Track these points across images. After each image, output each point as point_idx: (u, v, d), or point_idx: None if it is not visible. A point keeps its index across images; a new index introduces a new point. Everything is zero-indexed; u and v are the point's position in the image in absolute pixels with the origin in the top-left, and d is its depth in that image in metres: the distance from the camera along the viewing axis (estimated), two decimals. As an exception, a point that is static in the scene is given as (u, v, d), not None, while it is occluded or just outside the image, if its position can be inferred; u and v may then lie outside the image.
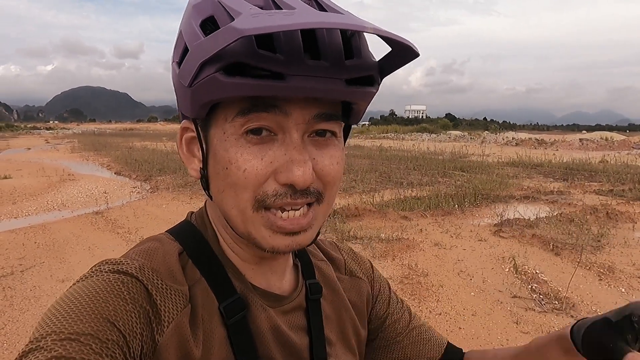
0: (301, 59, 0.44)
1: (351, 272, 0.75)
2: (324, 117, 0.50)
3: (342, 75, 0.46)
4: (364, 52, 0.49)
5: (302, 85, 0.44)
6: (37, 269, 4.94)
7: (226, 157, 0.49)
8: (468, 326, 3.67)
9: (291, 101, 0.47)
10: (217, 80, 0.44)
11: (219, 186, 0.51)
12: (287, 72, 0.44)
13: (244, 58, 0.43)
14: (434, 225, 6.92)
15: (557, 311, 3.95)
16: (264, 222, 0.50)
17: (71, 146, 26.51)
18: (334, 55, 0.46)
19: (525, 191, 10.07)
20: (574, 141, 29.32)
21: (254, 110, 0.47)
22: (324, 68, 0.45)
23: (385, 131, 53.42)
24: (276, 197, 0.48)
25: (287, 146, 0.48)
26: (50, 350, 0.40)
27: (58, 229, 6.59)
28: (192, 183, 10.57)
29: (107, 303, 0.45)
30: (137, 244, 0.58)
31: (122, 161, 16.29)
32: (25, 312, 3.87)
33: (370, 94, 0.51)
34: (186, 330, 0.50)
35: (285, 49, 0.43)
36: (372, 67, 0.50)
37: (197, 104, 0.48)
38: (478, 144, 29.87)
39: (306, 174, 0.47)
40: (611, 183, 11.26)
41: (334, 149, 0.52)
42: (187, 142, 0.57)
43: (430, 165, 14.86)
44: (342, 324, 0.68)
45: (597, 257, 5.32)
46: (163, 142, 26.95)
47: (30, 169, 14.28)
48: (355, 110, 0.55)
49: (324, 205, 0.53)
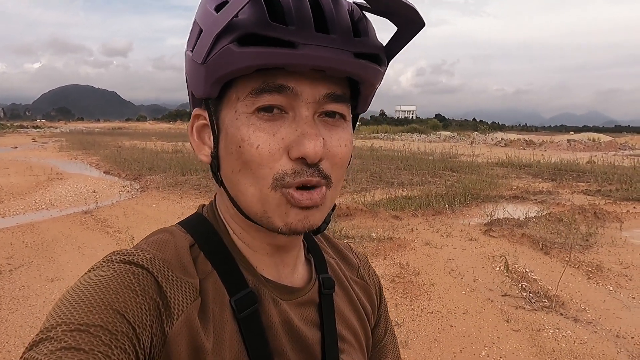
0: (311, 30, 0.46)
1: (363, 277, 0.74)
2: (334, 97, 0.51)
3: (350, 48, 0.48)
4: (370, 33, 0.51)
5: (313, 53, 0.46)
6: (25, 268, 4.88)
7: (238, 135, 0.50)
8: (459, 324, 3.69)
9: (301, 81, 0.48)
10: (231, 51, 0.46)
11: (233, 166, 0.52)
12: (298, 41, 0.46)
13: (257, 29, 0.45)
14: (424, 224, 6.96)
15: (546, 309, 4.00)
16: (282, 199, 0.50)
17: (59, 145, 26.20)
18: (342, 29, 0.48)
19: (515, 191, 10.18)
20: (562, 142, 29.67)
21: (266, 91, 0.48)
22: (334, 40, 0.47)
23: (376, 131, 53.53)
24: (295, 175, 0.49)
25: (298, 122, 0.49)
26: (60, 340, 0.40)
27: (47, 228, 6.51)
28: (182, 182, 10.52)
29: (117, 294, 0.45)
30: (148, 235, 0.57)
31: (111, 160, 16.15)
32: (13, 311, 3.82)
33: (378, 72, 0.52)
34: (196, 323, 0.49)
35: (296, 21, 0.46)
36: (379, 47, 0.52)
37: (210, 80, 0.49)
38: (468, 145, 30.07)
39: (317, 146, 0.48)
40: (599, 183, 11.42)
41: (342, 131, 0.53)
42: (198, 130, 0.57)
43: (420, 165, 14.94)
44: (353, 322, 0.67)
45: (585, 256, 5.39)
46: (152, 141, 26.78)
47: (17, 167, 14.09)
48: (363, 95, 0.55)
49: (332, 189, 0.53)
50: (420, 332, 3.58)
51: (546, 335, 3.55)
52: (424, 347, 3.35)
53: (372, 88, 0.54)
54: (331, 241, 0.74)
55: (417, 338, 3.48)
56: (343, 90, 0.52)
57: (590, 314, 3.96)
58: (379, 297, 0.76)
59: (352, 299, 0.69)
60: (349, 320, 0.67)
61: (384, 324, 0.77)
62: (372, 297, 0.74)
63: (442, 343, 3.39)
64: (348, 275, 0.71)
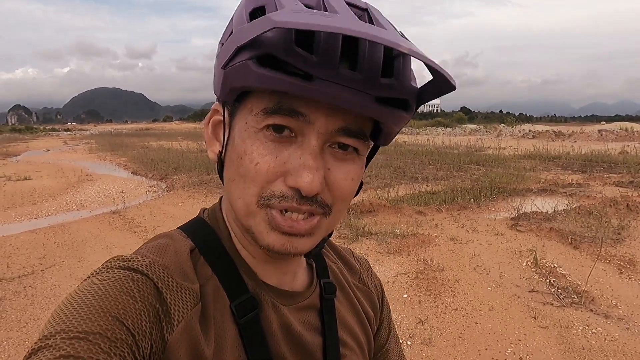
0: (335, 65, 0.43)
1: (364, 282, 0.73)
2: (348, 132, 0.49)
3: (372, 91, 0.45)
4: (404, 75, 0.47)
5: (327, 90, 0.43)
6: (56, 268, 5.03)
7: (242, 147, 0.49)
8: (485, 321, 3.63)
9: (317, 110, 0.47)
10: (247, 68, 0.45)
11: (231, 174, 0.52)
12: (316, 74, 0.43)
13: (279, 52, 0.44)
14: (449, 220, 6.87)
15: (575, 305, 3.89)
16: (265, 218, 0.50)
17: (89, 147, 26.89)
18: (370, 69, 0.44)
19: (543, 184, 9.93)
20: (592, 132, 28.75)
21: (279, 113, 0.47)
22: (355, 79, 0.44)
23: (400, 126, 52.97)
24: (282, 199, 0.48)
25: (303, 150, 0.47)
26: (59, 349, 0.40)
27: (77, 229, 6.70)
28: (207, 181, 10.64)
29: (117, 301, 0.45)
30: (149, 240, 0.57)
31: (138, 161, 16.47)
32: (45, 310, 3.95)
33: (401, 118, 0.49)
34: (197, 329, 0.49)
35: (322, 51, 0.43)
36: (409, 92, 0.48)
37: (226, 87, 0.49)
38: (494, 137, 29.51)
39: (314, 181, 0.46)
40: (631, 174, 11.04)
41: (352, 165, 0.51)
42: (213, 125, 0.57)
43: (445, 159, 14.74)
44: (355, 327, 0.67)
45: (617, 250, 5.22)
46: (178, 141, 27.19)
47: (49, 170, 14.53)
48: (385, 131, 0.52)
49: (330, 218, 0.52)
50: (444, 329, 3.53)
51: (575, 332, 3.46)
52: (448, 344, 3.31)
53: (396, 129, 0.52)
54: (332, 245, 0.74)
55: (441, 335, 3.44)
56: (362, 126, 0.49)
57: (622, 310, 3.84)
58: (381, 302, 0.75)
59: (354, 304, 0.69)
60: (350, 325, 0.66)
61: (387, 329, 0.76)
62: (374, 302, 0.73)
63: (466, 340, 3.34)
64: (350, 280, 0.71)
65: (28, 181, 11.71)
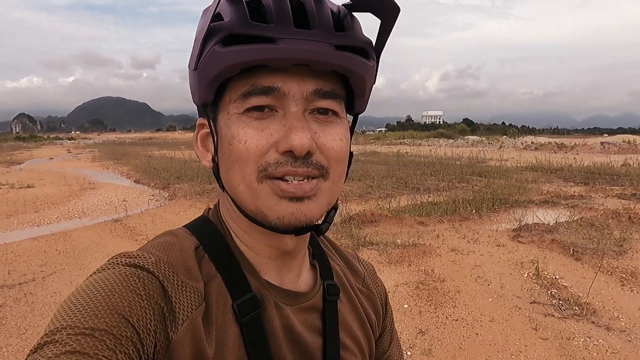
0: (291, 26, 0.47)
1: (368, 287, 0.73)
2: (322, 93, 0.51)
3: (331, 41, 0.49)
4: (355, 29, 0.51)
5: (291, 47, 0.47)
6: (57, 275, 5.03)
7: (229, 133, 0.51)
8: (485, 332, 3.61)
9: (289, 80, 0.49)
10: (216, 52, 0.48)
11: (226, 164, 0.53)
12: (277, 36, 0.47)
13: (238, 29, 0.47)
14: (451, 230, 6.85)
15: (577, 317, 3.87)
16: (270, 190, 0.50)
17: (92, 155, 26.98)
18: (323, 24, 0.49)
19: (545, 196, 9.91)
20: (595, 145, 28.74)
21: (254, 94, 0.50)
22: (313, 34, 0.48)
23: (402, 137, 53.16)
24: (277, 165, 0.49)
25: (287, 118, 0.50)
26: (65, 344, 0.41)
27: (78, 237, 6.71)
28: (209, 190, 10.66)
29: (122, 298, 0.45)
30: (155, 237, 0.57)
31: (141, 169, 16.52)
32: (45, 317, 3.94)
33: (365, 65, 0.52)
34: (200, 329, 0.49)
35: (276, 18, 0.47)
36: (365, 41, 0.52)
37: (203, 84, 0.51)
38: (496, 149, 29.51)
39: (303, 139, 0.48)
40: (634, 187, 11.01)
41: (336, 127, 0.53)
42: (202, 139, 0.59)
43: (447, 170, 14.74)
44: (356, 331, 0.66)
45: (619, 262, 5.20)
46: (181, 150, 27.29)
47: (52, 178, 14.58)
48: (356, 91, 0.54)
49: (329, 181, 0.52)
50: (444, 339, 3.51)
51: (576, 344, 3.44)
52: (448, 355, 3.29)
53: (364, 83, 0.53)
54: (338, 248, 0.74)
55: (441, 346, 3.42)
56: (333, 86, 0.52)
57: (623, 322, 3.81)
58: (384, 308, 0.75)
59: (357, 308, 0.68)
60: (352, 329, 0.66)
61: (389, 335, 0.76)
62: (377, 307, 0.73)
63: (467, 351, 3.32)
64: (353, 284, 0.70)
65: (31, 189, 11.75)
